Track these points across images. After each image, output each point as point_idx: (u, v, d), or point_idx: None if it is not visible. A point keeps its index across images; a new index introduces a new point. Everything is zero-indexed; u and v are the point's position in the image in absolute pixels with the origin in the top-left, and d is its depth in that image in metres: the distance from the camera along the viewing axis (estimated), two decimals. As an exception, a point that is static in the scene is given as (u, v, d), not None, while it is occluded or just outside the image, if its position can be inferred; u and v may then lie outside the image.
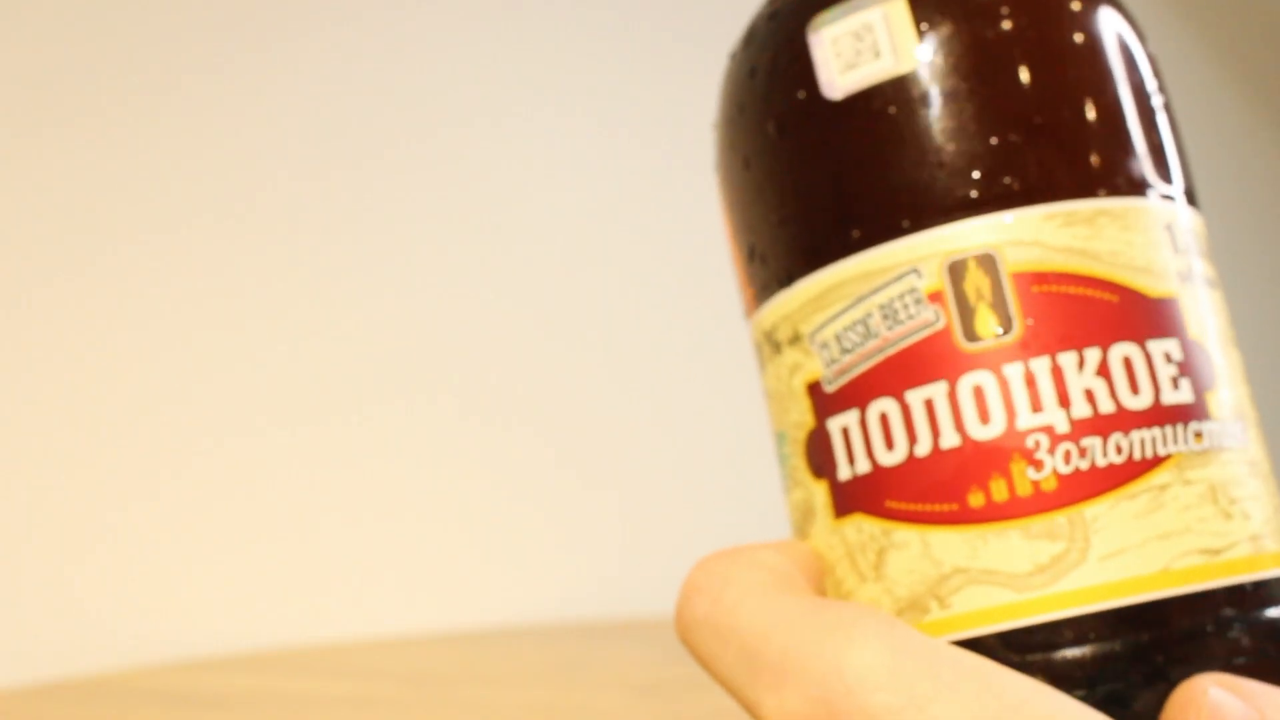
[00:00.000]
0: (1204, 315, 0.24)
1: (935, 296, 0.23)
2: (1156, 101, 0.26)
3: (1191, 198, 0.26)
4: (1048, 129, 0.24)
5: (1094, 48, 0.25)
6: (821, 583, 0.24)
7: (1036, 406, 0.22)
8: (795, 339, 0.25)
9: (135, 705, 0.70)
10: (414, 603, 1.04)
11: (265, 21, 1.05)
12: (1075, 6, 0.25)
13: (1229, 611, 0.22)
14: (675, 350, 1.24)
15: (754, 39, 0.27)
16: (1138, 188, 0.24)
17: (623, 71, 1.26)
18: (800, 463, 0.25)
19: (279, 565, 0.98)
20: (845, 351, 0.24)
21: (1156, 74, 0.26)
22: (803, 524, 0.25)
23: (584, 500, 1.15)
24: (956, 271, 0.23)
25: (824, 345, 0.24)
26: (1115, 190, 0.24)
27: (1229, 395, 0.24)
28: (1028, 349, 0.23)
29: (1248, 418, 0.24)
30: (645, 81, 1.27)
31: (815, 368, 0.24)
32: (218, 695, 0.73)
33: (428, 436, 1.07)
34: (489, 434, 1.11)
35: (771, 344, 0.26)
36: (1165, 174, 0.25)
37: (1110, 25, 0.25)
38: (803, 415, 0.25)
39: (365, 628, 1.00)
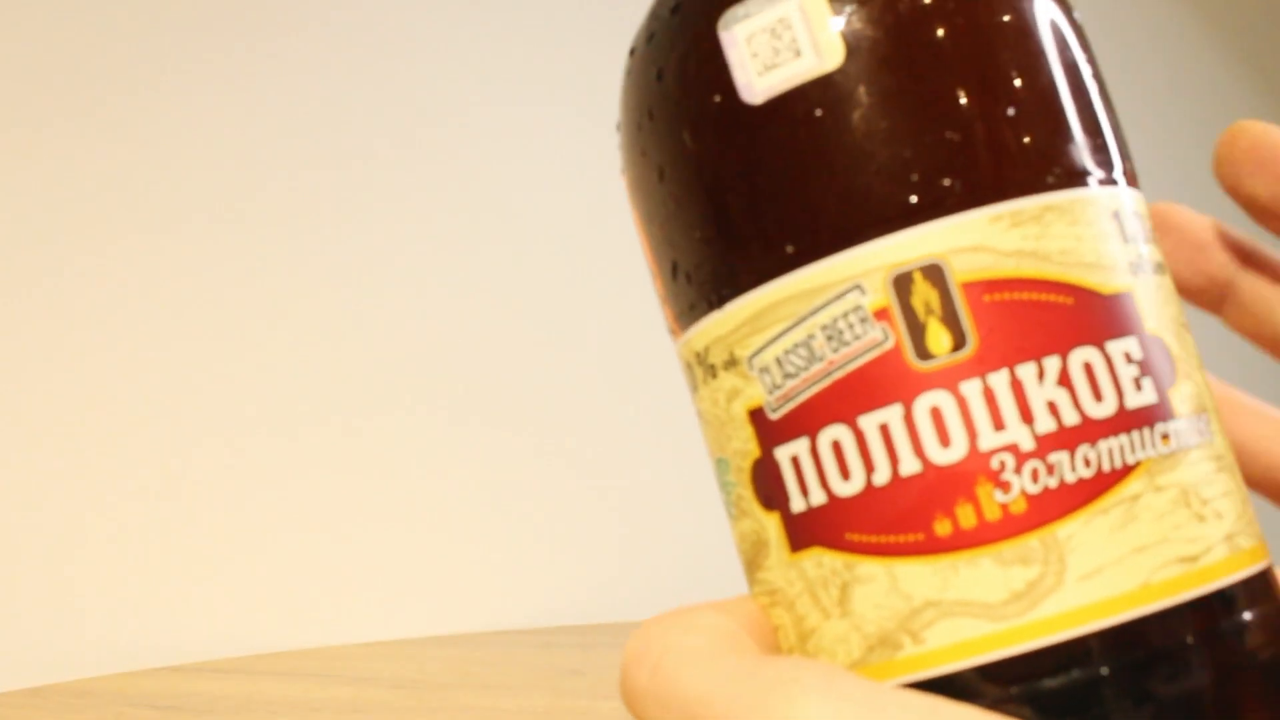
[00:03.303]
0: (1158, 305, 0.23)
1: (882, 314, 0.22)
2: (1091, 78, 0.24)
3: (1132, 178, 0.24)
4: (986, 122, 0.22)
5: (1027, 30, 0.23)
6: (769, 638, 0.24)
7: (998, 424, 0.21)
8: (732, 363, 0.23)
9: (126, 710, 0.70)
10: (409, 607, 1.03)
11: (261, 20, 1.04)
12: None
13: (1212, 619, 0.22)
14: (674, 356, 1.23)
15: (657, 36, 0.25)
16: (1082, 177, 0.23)
17: (622, 67, 1.25)
18: (747, 492, 0.24)
19: (272, 570, 0.97)
20: (788, 376, 0.22)
21: (1086, 47, 0.25)
22: (754, 556, 0.24)
23: (581, 504, 1.14)
24: (902, 285, 0.22)
25: (764, 370, 0.23)
26: (1060, 182, 0.23)
27: (1189, 388, 0.23)
28: (984, 364, 0.21)
29: (1209, 408, 0.23)
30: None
31: (756, 393, 0.23)
32: (209, 700, 0.73)
33: (424, 441, 1.07)
34: (485, 438, 1.10)
35: (705, 367, 0.24)
36: (1107, 158, 0.24)
37: (1041, 6, 0.24)
38: (746, 443, 0.23)
39: (359, 632, 1.00)
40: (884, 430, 0.22)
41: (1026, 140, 0.23)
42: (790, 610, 0.23)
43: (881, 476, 0.22)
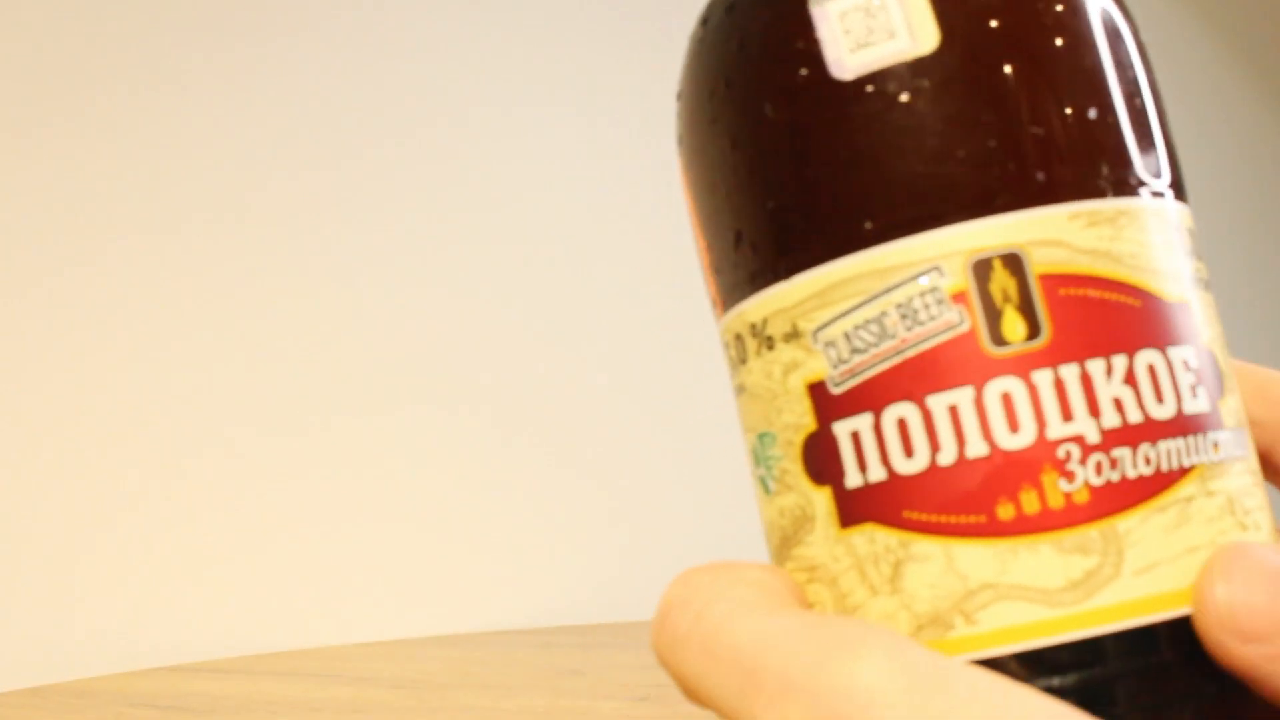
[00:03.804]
0: (1209, 320, 0.24)
1: (959, 297, 0.22)
2: (1158, 97, 0.25)
3: (1183, 194, 0.25)
4: (1076, 122, 0.23)
5: (1119, 39, 0.24)
6: (809, 606, 0.23)
7: (1067, 415, 0.22)
8: (793, 335, 0.23)
9: (125, 710, 0.70)
10: (409, 607, 1.03)
11: (261, 20, 1.04)
12: None
13: None
14: (673, 354, 1.23)
15: (739, 6, 0.25)
16: (1149, 187, 0.24)
17: (623, 67, 1.25)
18: (795, 466, 0.24)
19: (272, 570, 0.97)
20: (856, 352, 0.23)
21: (1150, 66, 0.26)
22: (794, 531, 0.24)
23: (582, 504, 1.14)
24: (981, 271, 0.22)
25: (830, 344, 0.23)
26: (1131, 189, 0.23)
27: (1234, 402, 0.24)
28: (1057, 355, 0.22)
29: (1245, 424, 0.24)
30: (647, 78, 1.26)
31: (819, 367, 0.23)
32: (209, 700, 0.72)
33: (424, 441, 1.07)
34: (485, 438, 1.10)
35: (760, 338, 0.24)
36: (1175, 174, 0.25)
37: (1122, 17, 0.25)
38: (800, 417, 0.23)
39: (359, 632, 0.99)
40: (953, 411, 0.22)
41: (1112, 145, 0.23)
42: (832, 586, 0.23)
43: (947, 457, 0.22)
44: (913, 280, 0.22)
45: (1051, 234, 0.22)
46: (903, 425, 0.22)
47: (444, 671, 0.82)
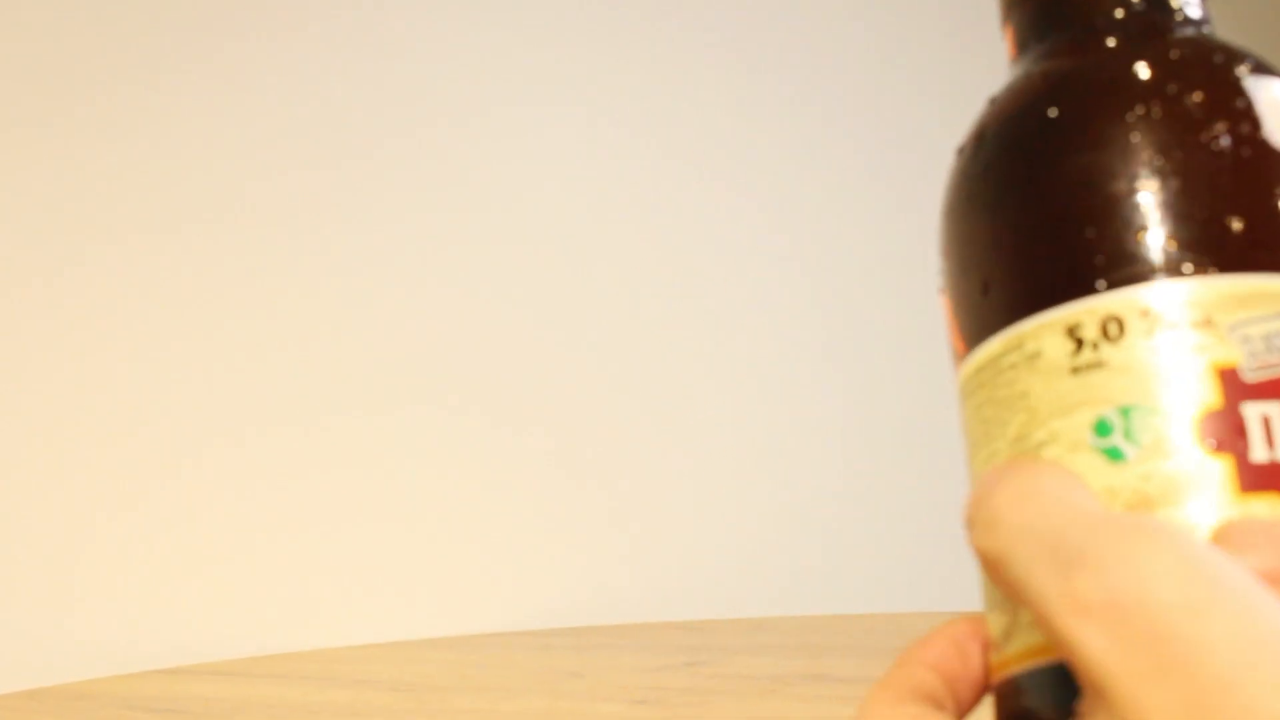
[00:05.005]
0: None
1: None
2: None
3: None
4: None
5: None
6: None
7: None
8: (1207, 324, 0.27)
9: (123, 713, 0.69)
10: (407, 609, 1.03)
11: (262, 17, 1.04)
12: None
13: None
14: (673, 356, 1.23)
15: (1196, 73, 0.29)
16: None
17: (623, 67, 1.25)
18: (1186, 435, 0.26)
19: (270, 571, 0.97)
20: (1274, 352, 0.27)
21: None
22: (1162, 494, 0.26)
23: (580, 506, 1.14)
24: None
25: (1247, 339, 0.26)
26: None
27: None
28: None
29: None
30: (649, 78, 1.26)
31: (1231, 355, 0.27)
32: (206, 703, 0.72)
33: (422, 443, 1.06)
34: (484, 441, 1.10)
35: (1151, 320, 0.27)
36: None
37: None
38: (1201, 393, 0.27)
39: (357, 634, 0.99)
40: None
41: None
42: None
43: None
44: None
45: None
46: None
47: (442, 674, 0.82)
